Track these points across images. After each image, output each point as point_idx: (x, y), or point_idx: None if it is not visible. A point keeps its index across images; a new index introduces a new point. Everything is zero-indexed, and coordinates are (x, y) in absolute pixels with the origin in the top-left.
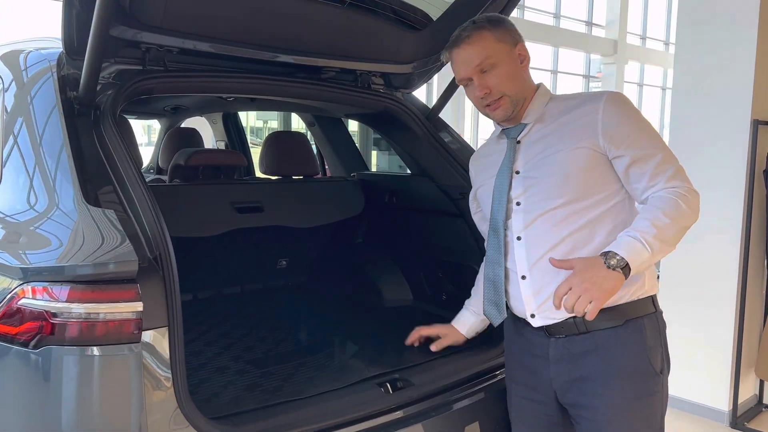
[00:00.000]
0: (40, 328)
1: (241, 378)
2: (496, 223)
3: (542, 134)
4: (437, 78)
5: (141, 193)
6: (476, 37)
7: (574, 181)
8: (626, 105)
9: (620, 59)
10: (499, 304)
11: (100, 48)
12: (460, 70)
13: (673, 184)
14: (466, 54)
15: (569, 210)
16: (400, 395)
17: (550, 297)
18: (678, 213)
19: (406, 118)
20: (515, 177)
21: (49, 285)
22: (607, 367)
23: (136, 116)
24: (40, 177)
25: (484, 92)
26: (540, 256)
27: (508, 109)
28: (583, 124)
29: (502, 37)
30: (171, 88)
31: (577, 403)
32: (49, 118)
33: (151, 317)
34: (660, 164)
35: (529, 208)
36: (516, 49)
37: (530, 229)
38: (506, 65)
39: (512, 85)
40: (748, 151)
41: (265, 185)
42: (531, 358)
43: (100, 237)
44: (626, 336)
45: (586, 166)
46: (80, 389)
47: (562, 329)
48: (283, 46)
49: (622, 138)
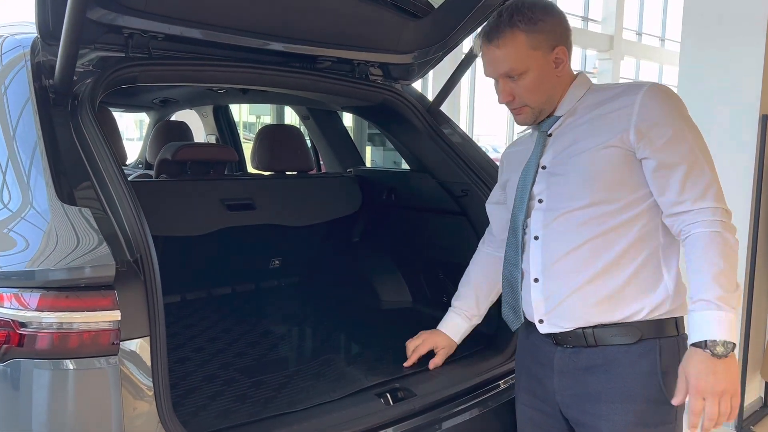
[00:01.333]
0: (7, 339)
1: (230, 388)
2: (516, 221)
3: (573, 127)
4: (432, 72)
5: (121, 189)
6: (508, 39)
7: (600, 182)
8: (669, 99)
9: (616, 55)
10: (517, 309)
11: (76, 31)
12: (487, 68)
13: (701, 206)
14: (494, 57)
15: (592, 213)
16: (402, 407)
17: (560, 303)
18: (726, 251)
19: (406, 111)
20: (540, 172)
21: (18, 291)
22: (613, 387)
23: (123, 109)
24: (13, 173)
25: (507, 99)
26: (556, 259)
27: (529, 118)
28: (617, 117)
29: (537, 43)
30: (156, 77)
31: (579, 421)
32: (23, 109)
33: (131, 327)
34: (689, 177)
35: (551, 207)
36: (552, 54)
37: (549, 229)
38: (535, 74)
39: (537, 96)
40: (756, 147)
41: (257, 181)
42: (536, 366)
43: (75, 238)
44: (638, 356)
45: (615, 166)
46: (52, 406)
47: (570, 339)
48: (276, 33)
49: (656, 137)
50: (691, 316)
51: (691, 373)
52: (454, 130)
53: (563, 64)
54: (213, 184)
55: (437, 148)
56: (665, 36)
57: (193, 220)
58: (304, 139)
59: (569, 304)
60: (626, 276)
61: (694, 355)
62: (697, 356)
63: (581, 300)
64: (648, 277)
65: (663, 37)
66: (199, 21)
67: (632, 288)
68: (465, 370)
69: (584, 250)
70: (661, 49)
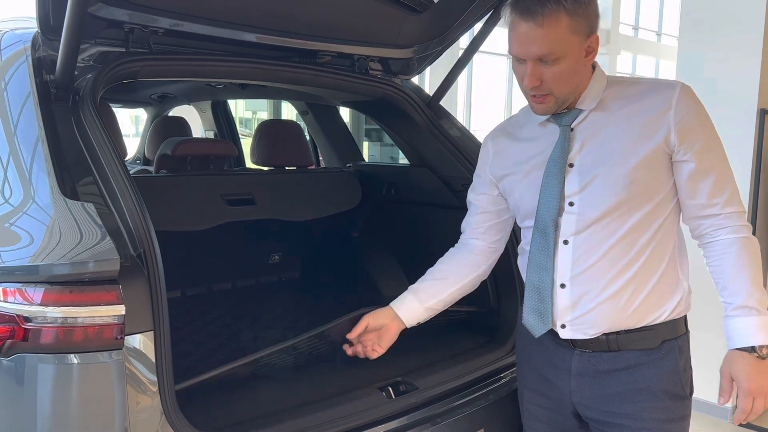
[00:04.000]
0: (12, 334)
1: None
2: (545, 223)
3: (602, 124)
4: (429, 68)
5: (124, 184)
6: (551, 19)
7: (641, 186)
8: (700, 104)
9: (613, 50)
10: (544, 314)
11: (77, 26)
12: (517, 48)
13: (729, 210)
14: (530, 36)
15: (627, 218)
16: (404, 400)
17: (590, 311)
18: (756, 256)
19: (406, 106)
20: (569, 171)
21: (22, 286)
22: (637, 387)
23: (121, 104)
24: (14, 168)
25: (534, 84)
26: (589, 265)
27: (551, 108)
28: (654, 117)
29: (578, 27)
30: (157, 71)
31: (601, 421)
32: (25, 104)
33: (135, 321)
34: (719, 181)
35: (584, 211)
36: (587, 42)
37: (581, 235)
38: (569, 62)
39: (566, 86)
40: (754, 141)
41: (257, 176)
42: (549, 368)
43: (79, 233)
44: (661, 358)
45: (656, 169)
46: (56, 401)
47: (590, 344)
48: (276, 28)
49: (695, 141)
50: (734, 321)
51: (742, 376)
52: (453, 125)
53: (593, 54)
54: (213, 179)
55: (437, 143)
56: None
57: (193, 215)
58: (303, 134)
59: (599, 311)
60: (654, 281)
61: (740, 358)
62: (744, 360)
63: (611, 307)
64: (670, 279)
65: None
66: (199, 16)
67: (657, 292)
68: (466, 364)
69: (615, 255)
70: (657, 44)
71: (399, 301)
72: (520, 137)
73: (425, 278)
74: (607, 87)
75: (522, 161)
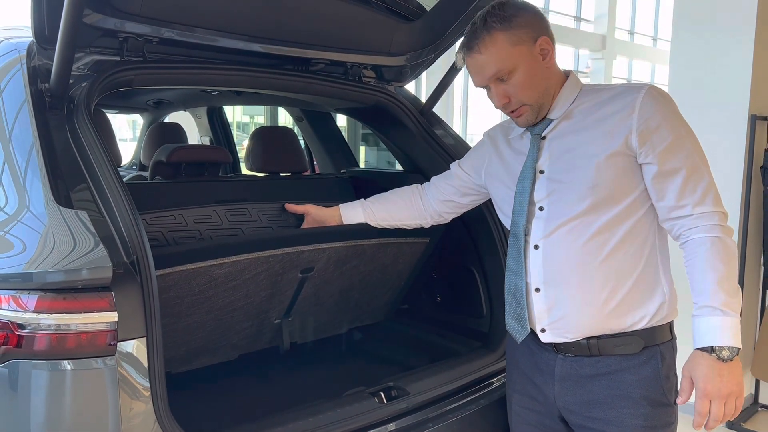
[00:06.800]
0: (6, 340)
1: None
2: (517, 229)
3: (569, 131)
4: (425, 73)
5: (117, 192)
6: (488, 42)
7: (605, 190)
8: (668, 103)
9: (609, 54)
10: (522, 319)
11: (72, 35)
12: (475, 79)
13: (701, 210)
14: (478, 63)
15: (594, 220)
16: (395, 405)
17: (565, 314)
18: (727, 256)
19: (399, 113)
20: (539, 177)
21: (16, 293)
22: (619, 393)
23: (117, 111)
24: (9, 176)
25: (502, 102)
26: (558, 269)
27: (530, 117)
28: (617, 121)
29: (518, 38)
30: (151, 80)
31: (584, 426)
32: (19, 112)
33: (128, 327)
34: (688, 182)
35: (552, 216)
36: (537, 46)
37: (550, 239)
38: (525, 69)
39: (532, 92)
40: (745, 147)
41: (252, 183)
42: (535, 372)
43: (72, 241)
44: (641, 364)
45: (620, 173)
46: (50, 407)
47: (572, 348)
48: (269, 36)
49: (658, 142)
50: (697, 321)
51: (699, 376)
52: (446, 132)
53: (550, 55)
54: (207, 185)
55: (430, 150)
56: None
57: None
58: (297, 140)
59: (573, 314)
60: (630, 283)
61: (701, 359)
62: (704, 360)
63: (587, 310)
64: (649, 281)
65: (655, 37)
66: (193, 24)
67: (634, 295)
68: (457, 369)
69: (585, 258)
70: (653, 49)
71: (347, 207)
72: (512, 145)
73: (378, 200)
74: (580, 95)
75: (505, 167)
